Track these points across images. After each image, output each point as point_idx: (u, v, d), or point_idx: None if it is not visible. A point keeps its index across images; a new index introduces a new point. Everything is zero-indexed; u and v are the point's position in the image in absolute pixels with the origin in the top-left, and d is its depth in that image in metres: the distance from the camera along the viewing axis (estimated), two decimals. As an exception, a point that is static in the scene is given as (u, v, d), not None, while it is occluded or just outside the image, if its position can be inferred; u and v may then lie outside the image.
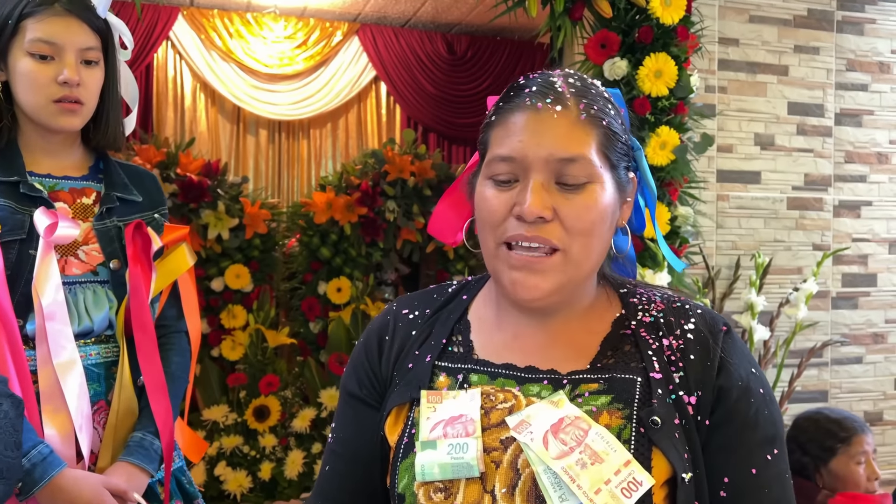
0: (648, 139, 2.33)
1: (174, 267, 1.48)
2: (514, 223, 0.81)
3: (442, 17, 5.40)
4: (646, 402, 0.81)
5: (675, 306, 0.89)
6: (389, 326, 0.95)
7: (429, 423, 0.83)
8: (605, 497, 0.75)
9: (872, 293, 3.26)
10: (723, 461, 0.81)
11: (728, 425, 0.82)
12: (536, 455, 0.78)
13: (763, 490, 0.81)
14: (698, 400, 0.82)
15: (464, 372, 0.87)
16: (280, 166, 5.76)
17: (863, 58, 3.23)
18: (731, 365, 0.84)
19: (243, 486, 3.36)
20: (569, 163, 0.80)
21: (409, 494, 0.83)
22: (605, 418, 0.80)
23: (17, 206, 1.29)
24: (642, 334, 0.86)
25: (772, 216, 3.09)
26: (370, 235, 3.79)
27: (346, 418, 0.95)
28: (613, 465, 0.76)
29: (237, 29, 5.33)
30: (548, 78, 0.85)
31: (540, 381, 0.85)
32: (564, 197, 0.81)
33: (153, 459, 1.33)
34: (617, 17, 2.36)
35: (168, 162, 3.50)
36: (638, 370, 0.83)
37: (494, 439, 0.82)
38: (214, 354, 3.57)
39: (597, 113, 0.83)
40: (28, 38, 1.28)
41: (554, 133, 0.80)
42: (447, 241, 0.99)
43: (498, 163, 0.82)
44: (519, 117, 0.82)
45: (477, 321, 0.92)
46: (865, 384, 3.23)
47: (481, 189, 0.85)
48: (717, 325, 0.86)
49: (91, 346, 1.34)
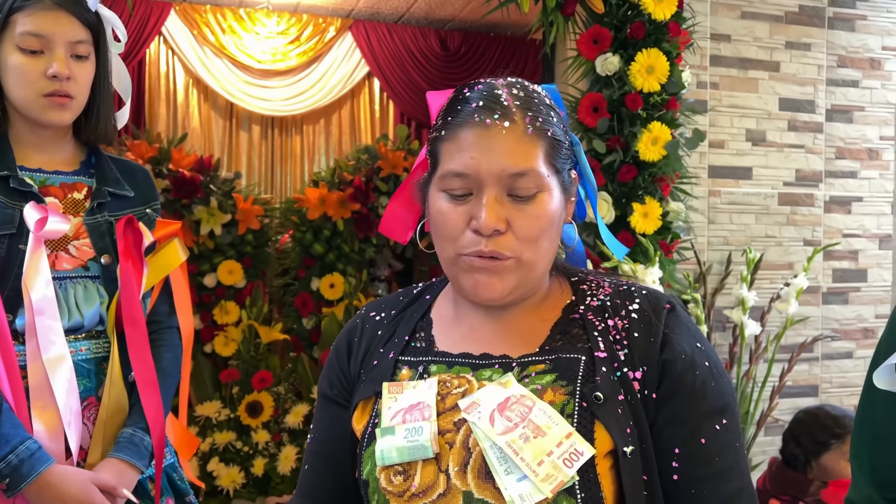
0: (640, 135, 2.34)
1: (166, 262, 1.47)
2: (471, 237, 0.86)
3: (435, 13, 5.39)
4: (589, 379, 0.84)
5: (621, 289, 0.93)
6: (358, 329, 1.01)
7: (390, 413, 0.88)
8: (548, 468, 0.79)
9: (863, 289, 3.28)
10: (672, 433, 0.84)
11: (674, 398, 0.85)
12: (483, 432, 0.82)
13: (714, 459, 0.83)
14: (644, 375, 0.85)
15: (424, 364, 0.92)
16: (273, 162, 5.75)
17: (854, 54, 3.24)
18: (675, 339, 0.87)
19: (236, 481, 3.35)
20: (519, 177, 0.85)
21: (371, 480, 0.87)
22: (550, 395, 0.84)
23: (7, 200, 1.29)
24: (589, 317, 0.90)
25: (763, 212, 3.10)
26: (363, 231, 3.79)
27: (321, 419, 1.00)
28: (555, 438, 0.80)
29: (230, 24, 5.31)
30: (493, 90, 0.88)
31: (492, 366, 0.89)
32: (516, 208, 0.86)
33: (143, 456, 1.33)
34: (609, 12, 2.36)
35: (160, 157, 3.48)
36: (583, 350, 0.87)
37: (448, 422, 0.86)
38: (207, 350, 3.56)
39: (542, 125, 0.87)
40: (17, 32, 1.28)
41: (503, 149, 0.85)
42: (399, 239, 1.04)
43: (451, 178, 0.87)
44: (468, 133, 0.86)
45: (438, 318, 0.97)
46: (856, 379, 3.25)
47: (436, 201, 0.89)
48: (660, 303, 0.90)
49: (81, 341, 1.34)
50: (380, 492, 0.86)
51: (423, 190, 0.94)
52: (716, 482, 0.83)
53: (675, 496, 0.83)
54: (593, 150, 2.36)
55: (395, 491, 0.85)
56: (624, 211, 2.38)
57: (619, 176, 2.37)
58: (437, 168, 0.90)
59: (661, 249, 2.40)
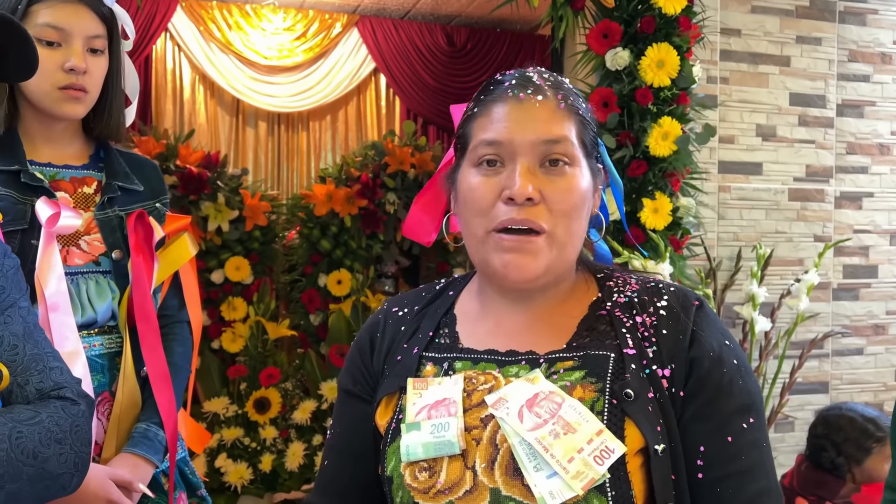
0: (650, 130, 2.33)
1: (176, 257, 1.47)
2: (504, 208, 0.85)
3: (441, 9, 5.38)
4: (619, 376, 0.83)
5: (648, 286, 0.92)
6: (380, 324, 1.00)
7: (414, 408, 0.87)
8: (578, 465, 0.77)
9: (873, 284, 3.26)
10: (698, 430, 0.83)
11: (701, 395, 0.84)
12: (512, 428, 0.81)
13: (739, 457, 0.83)
14: (672, 372, 0.84)
15: (449, 360, 0.91)
16: (279, 158, 5.75)
17: (865, 48, 3.21)
18: (703, 337, 0.86)
19: (244, 477, 3.36)
20: (554, 143, 0.86)
21: (396, 476, 0.86)
22: (579, 392, 0.83)
23: (19, 195, 1.28)
24: (617, 314, 0.89)
25: (773, 207, 3.08)
26: (370, 227, 3.78)
27: (342, 414, 0.99)
28: (586, 435, 0.79)
29: (236, 21, 5.31)
30: (524, 73, 0.91)
31: (518, 363, 0.88)
32: (549, 180, 0.86)
33: (158, 450, 1.32)
34: (619, 7, 2.35)
35: (167, 154, 3.48)
36: (612, 347, 0.86)
37: (475, 418, 0.85)
38: (215, 346, 3.56)
39: (573, 103, 0.90)
40: (36, 23, 1.27)
41: (537, 118, 0.86)
42: (422, 241, 1.04)
43: (484, 147, 0.87)
44: (502, 107, 0.87)
45: (462, 314, 0.97)
46: (866, 375, 3.24)
47: (466, 178, 0.89)
48: (689, 300, 0.89)
49: (94, 336, 1.33)
50: (404, 488, 0.84)
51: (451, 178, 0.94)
52: (741, 480, 0.82)
53: (700, 494, 0.82)
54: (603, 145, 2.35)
55: (420, 487, 0.83)
56: (634, 206, 2.37)
57: (629, 171, 2.35)
58: (469, 145, 0.89)
59: (671, 245, 2.38)
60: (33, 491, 0.86)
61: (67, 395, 0.95)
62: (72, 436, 0.91)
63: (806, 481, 2.19)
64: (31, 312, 1.01)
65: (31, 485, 0.86)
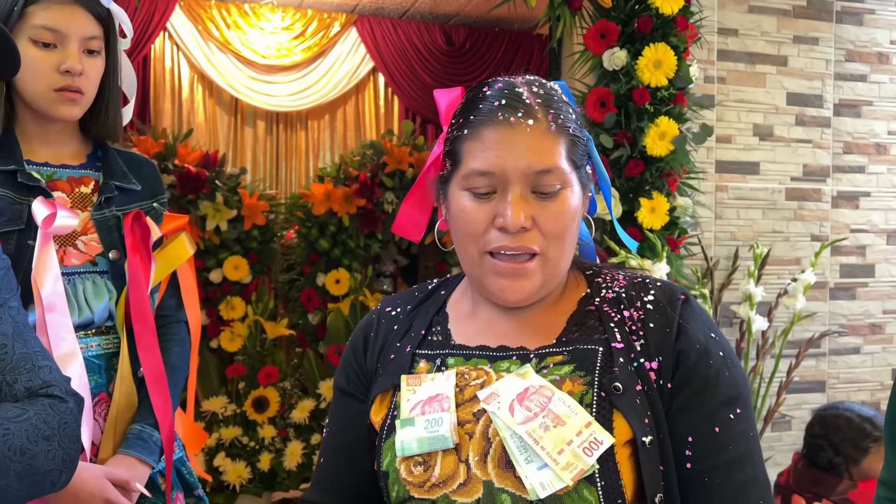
0: (647, 129, 2.33)
1: (174, 256, 1.47)
2: (497, 234, 0.87)
3: (440, 8, 5.38)
4: (607, 369, 0.85)
5: (636, 281, 0.94)
6: (374, 324, 1.02)
7: (409, 405, 0.89)
8: (568, 456, 0.79)
9: (870, 284, 3.27)
10: (686, 421, 0.85)
11: (689, 387, 0.86)
12: (503, 421, 0.83)
13: (727, 448, 0.84)
14: (659, 365, 0.86)
15: (441, 357, 0.93)
16: (278, 158, 5.75)
17: (862, 48, 3.22)
18: (689, 329, 0.88)
19: (242, 476, 3.36)
20: (544, 174, 0.86)
21: (391, 471, 0.88)
22: (568, 385, 0.85)
23: (15, 195, 1.28)
24: (605, 309, 0.91)
25: (770, 207, 3.09)
26: (369, 227, 3.79)
27: (338, 412, 1.01)
28: (575, 427, 0.81)
29: (234, 20, 5.31)
30: (513, 88, 0.89)
31: (509, 358, 0.90)
32: (540, 205, 0.87)
33: (153, 451, 1.33)
34: (616, 6, 2.35)
35: (166, 153, 3.48)
36: (600, 341, 0.88)
37: (468, 413, 0.87)
38: (213, 346, 3.57)
39: (563, 122, 0.89)
40: (32, 25, 1.27)
41: (528, 146, 0.86)
42: (412, 238, 1.04)
43: (476, 177, 0.88)
44: (492, 132, 0.87)
45: (454, 313, 0.99)
46: (863, 374, 3.24)
47: (459, 200, 0.90)
48: (675, 294, 0.91)
49: (91, 337, 1.34)
50: (400, 482, 0.86)
51: (441, 188, 0.95)
52: (728, 470, 0.84)
53: (688, 484, 0.84)
54: (600, 144, 2.35)
55: (415, 481, 0.85)
56: (631, 206, 2.37)
57: (627, 171, 2.36)
58: (460, 166, 0.90)
59: (668, 245, 2.39)
60: (21, 487, 0.87)
61: (56, 393, 0.95)
62: (60, 433, 0.92)
63: (803, 479, 2.20)
64: (20, 312, 1.01)
65: (19, 481, 0.86)
